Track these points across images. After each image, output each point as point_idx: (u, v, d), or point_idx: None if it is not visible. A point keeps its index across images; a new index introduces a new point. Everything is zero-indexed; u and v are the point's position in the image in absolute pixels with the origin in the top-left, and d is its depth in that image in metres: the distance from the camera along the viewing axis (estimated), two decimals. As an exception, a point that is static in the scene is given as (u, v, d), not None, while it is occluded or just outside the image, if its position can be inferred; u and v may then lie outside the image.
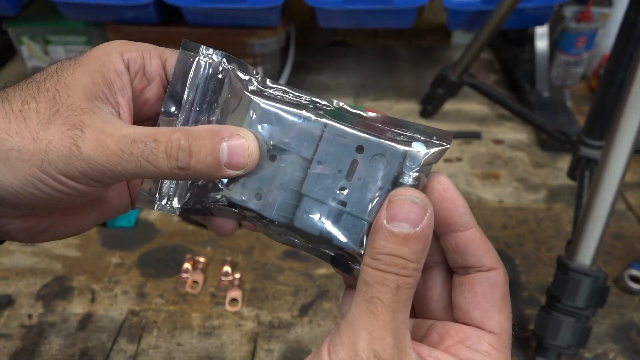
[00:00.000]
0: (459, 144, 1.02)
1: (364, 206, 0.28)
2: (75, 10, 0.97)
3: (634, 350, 0.66)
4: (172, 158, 0.26)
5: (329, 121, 0.28)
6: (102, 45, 0.30)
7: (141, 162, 0.26)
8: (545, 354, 0.62)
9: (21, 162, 0.26)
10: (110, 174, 0.26)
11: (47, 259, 0.77)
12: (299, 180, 0.29)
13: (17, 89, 0.27)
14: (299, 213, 0.29)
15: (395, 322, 0.25)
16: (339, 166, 0.28)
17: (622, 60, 0.71)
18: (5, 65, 1.24)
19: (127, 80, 0.29)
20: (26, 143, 0.26)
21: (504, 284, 0.28)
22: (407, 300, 0.26)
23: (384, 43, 1.38)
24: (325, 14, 0.98)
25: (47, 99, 0.27)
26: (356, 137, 0.28)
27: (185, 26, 1.01)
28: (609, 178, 0.57)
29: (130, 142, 0.26)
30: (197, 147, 0.27)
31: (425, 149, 0.27)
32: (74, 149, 0.26)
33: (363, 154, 0.28)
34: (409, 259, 0.25)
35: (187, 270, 0.74)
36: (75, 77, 0.27)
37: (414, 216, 0.25)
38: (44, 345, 0.65)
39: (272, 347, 0.66)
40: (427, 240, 0.25)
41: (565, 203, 0.89)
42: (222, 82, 0.30)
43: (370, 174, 0.27)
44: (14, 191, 0.27)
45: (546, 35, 1.11)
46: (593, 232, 0.59)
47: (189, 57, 0.30)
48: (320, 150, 0.28)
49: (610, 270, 0.76)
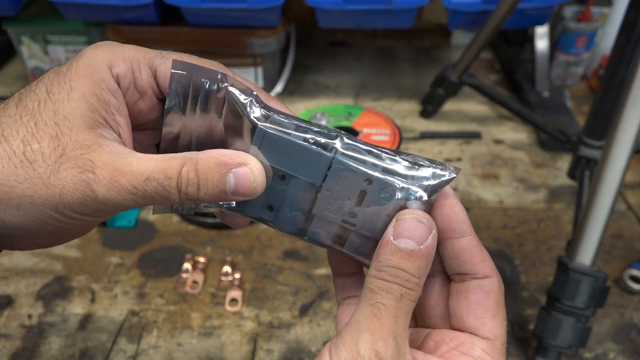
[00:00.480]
0: (459, 144, 1.02)
1: (373, 226, 0.29)
2: (75, 10, 0.97)
3: (634, 350, 0.66)
4: (182, 192, 0.27)
5: (336, 154, 0.29)
6: (88, 56, 0.28)
7: (155, 198, 0.27)
8: (545, 354, 0.62)
9: (35, 207, 0.26)
10: (123, 208, 0.27)
11: (47, 259, 0.77)
12: (309, 200, 0.30)
13: (12, 124, 0.26)
14: (310, 229, 0.30)
15: (397, 328, 0.26)
16: (348, 195, 0.29)
17: (622, 60, 0.71)
18: (5, 65, 1.24)
19: (120, 97, 0.28)
20: (38, 189, 0.25)
21: (498, 292, 0.29)
22: (409, 312, 0.27)
23: (384, 43, 1.38)
24: (325, 14, 0.98)
25: (50, 137, 0.26)
26: (363, 172, 0.29)
27: (185, 26, 1.01)
28: (609, 178, 0.57)
29: (143, 180, 0.26)
30: (204, 180, 0.27)
31: (424, 192, 0.28)
32: (89, 192, 0.26)
33: (372, 186, 0.29)
34: (412, 273, 0.27)
35: (187, 270, 0.74)
36: (72, 106, 0.26)
37: (420, 235, 0.27)
38: (44, 346, 0.65)
39: (272, 347, 0.66)
40: (429, 259, 0.27)
41: (565, 203, 0.89)
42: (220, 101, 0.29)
43: (378, 203, 0.29)
44: (28, 229, 0.27)
45: (546, 35, 1.11)
46: (593, 232, 0.59)
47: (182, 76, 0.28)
48: (329, 179, 0.29)
49: (610, 270, 0.76)
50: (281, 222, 0.31)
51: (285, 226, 0.31)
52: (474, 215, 0.85)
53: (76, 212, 0.26)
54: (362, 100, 1.15)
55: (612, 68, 0.72)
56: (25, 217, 0.26)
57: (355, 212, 0.29)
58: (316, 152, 0.29)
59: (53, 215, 0.26)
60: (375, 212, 0.29)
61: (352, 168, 0.29)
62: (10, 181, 0.25)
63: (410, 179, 0.29)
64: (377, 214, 0.29)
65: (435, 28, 1.35)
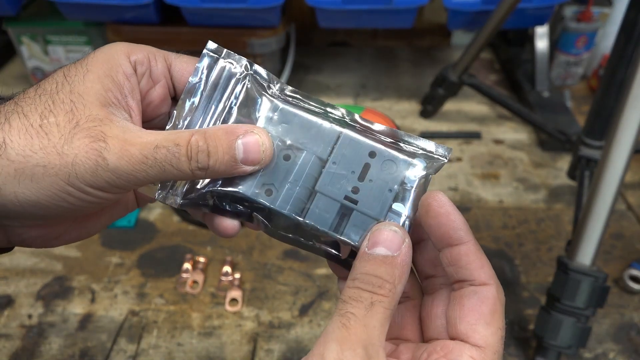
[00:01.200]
0: (459, 144, 1.02)
1: (373, 205, 0.30)
2: (75, 10, 0.97)
3: (634, 350, 0.66)
4: (192, 160, 0.27)
5: (344, 129, 0.31)
6: (107, 48, 0.30)
7: (165, 166, 0.27)
8: (545, 354, 0.62)
9: (48, 177, 0.26)
10: (135, 180, 0.27)
11: (47, 259, 0.77)
12: (312, 178, 0.31)
13: (31, 102, 0.27)
14: (311, 208, 0.31)
15: (368, 337, 0.25)
16: (353, 168, 0.30)
17: (622, 60, 0.71)
18: (5, 65, 1.24)
19: (135, 82, 0.30)
20: (52, 158, 0.26)
21: (494, 300, 0.28)
22: (383, 319, 0.26)
23: (384, 43, 1.38)
24: (325, 14, 0.98)
25: (65, 112, 0.27)
26: (369, 144, 0.31)
27: (185, 26, 1.01)
28: (609, 178, 0.57)
29: (153, 149, 0.27)
30: (214, 147, 0.28)
31: (425, 164, 0.31)
32: (100, 161, 0.26)
33: (375, 159, 0.30)
34: (385, 278, 0.27)
35: (187, 270, 0.74)
36: (87, 85, 0.28)
37: (392, 243, 0.28)
38: (44, 345, 0.65)
39: (272, 347, 0.66)
40: (404, 267, 0.27)
41: (565, 203, 0.89)
42: (242, 85, 0.31)
43: (381, 177, 0.30)
44: (41, 205, 0.27)
45: (546, 35, 1.11)
46: (593, 232, 0.59)
47: (212, 56, 0.31)
48: (336, 152, 0.31)
49: (610, 270, 0.76)
50: (280, 202, 0.31)
51: (284, 206, 0.31)
52: (474, 215, 0.85)
53: (88, 183, 0.27)
54: (362, 100, 1.15)
55: (612, 68, 0.72)
56: (39, 190, 0.26)
57: (358, 187, 0.30)
58: (326, 126, 0.31)
59: (66, 188, 0.27)
60: (378, 186, 0.30)
61: (358, 140, 0.30)
62: (26, 151, 0.26)
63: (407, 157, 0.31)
64: (379, 189, 0.30)
65: (435, 28, 1.35)
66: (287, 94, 0.32)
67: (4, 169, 0.26)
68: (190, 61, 0.32)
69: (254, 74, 0.32)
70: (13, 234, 0.31)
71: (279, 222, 0.31)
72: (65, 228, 0.33)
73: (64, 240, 0.33)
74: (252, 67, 0.32)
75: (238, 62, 0.32)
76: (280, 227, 0.31)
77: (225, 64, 0.31)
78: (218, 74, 0.31)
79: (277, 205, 0.31)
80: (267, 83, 0.32)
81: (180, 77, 0.32)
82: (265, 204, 0.31)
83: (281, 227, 0.31)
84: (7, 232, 0.31)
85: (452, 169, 0.96)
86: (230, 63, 0.31)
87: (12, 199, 0.26)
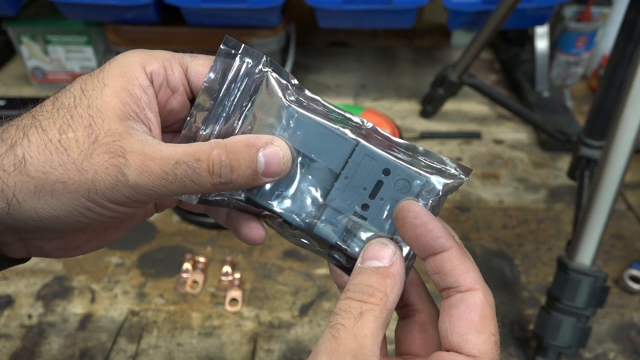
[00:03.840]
0: (459, 144, 1.02)
1: (382, 224, 0.30)
2: (75, 10, 0.97)
3: (634, 350, 0.66)
4: (215, 175, 0.27)
5: (361, 140, 0.30)
6: (122, 58, 0.29)
7: (185, 182, 0.27)
8: (545, 354, 0.62)
9: (68, 194, 0.26)
10: (155, 196, 0.27)
11: (47, 259, 0.77)
12: (323, 190, 0.30)
13: (49, 117, 0.27)
14: (320, 221, 0.31)
15: (358, 346, 0.25)
16: (365, 184, 0.30)
17: (622, 60, 0.71)
18: (5, 65, 1.24)
19: (152, 94, 0.29)
20: (71, 175, 0.26)
21: (482, 305, 0.27)
22: (374, 328, 0.26)
23: (384, 43, 1.38)
24: (325, 14, 0.98)
25: (83, 127, 0.27)
26: (385, 160, 0.30)
27: (185, 26, 1.01)
28: (609, 178, 0.57)
29: (173, 164, 0.26)
30: (237, 161, 0.27)
31: (445, 181, 0.29)
32: (120, 177, 0.26)
33: (389, 177, 0.30)
34: (375, 286, 0.26)
35: (187, 270, 0.74)
36: (105, 100, 0.27)
37: (383, 255, 0.28)
38: (44, 345, 0.65)
39: (272, 347, 0.66)
40: (397, 277, 0.27)
41: (565, 203, 0.89)
42: (258, 83, 0.30)
43: (392, 196, 0.30)
44: (61, 220, 0.27)
45: (546, 35, 1.11)
46: (593, 232, 0.59)
47: (229, 53, 0.30)
48: (349, 166, 0.30)
49: (610, 270, 0.76)
50: (290, 212, 0.31)
51: (294, 217, 0.31)
52: (474, 215, 0.85)
53: (108, 199, 0.27)
54: (362, 100, 1.15)
55: (612, 68, 0.72)
56: (59, 206, 0.26)
57: (368, 204, 0.30)
58: (341, 137, 0.30)
59: (86, 204, 0.27)
60: (388, 206, 0.30)
61: (373, 155, 0.30)
62: (45, 167, 0.26)
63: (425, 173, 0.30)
64: (389, 209, 0.30)
65: (435, 28, 1.35)
66: (306, 95, 0.31)
67: (24, 185, 0.26)
68: (207, 62, 0.31)
69: (272, 71, 0.31)
70: (33, 245, 0.31)
71: (289, 226, 0.31)
72: (86, 238, 0.33)
73: (84, 250, 0.33)
74: (271, 65, 0.31)
75: (256, 59, 0.30)
76: (289, 233, 0.32)
77: (243, 61, 0.30)
78: (235, 73, 0.30)
79: (288, 213, 0.31)
80: (285, 82, 0.31)
81: (198, 81, 0.31)
82: (277, 210, 0.31)
83: (290, 233, 0.32)
84: (26, 244, 0.31)
85: (452, 169, 0.96)
86: (248, 60, 0.30)
87: (32, 214, 0.26)
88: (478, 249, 0.79)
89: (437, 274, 0.28)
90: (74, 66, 1.10)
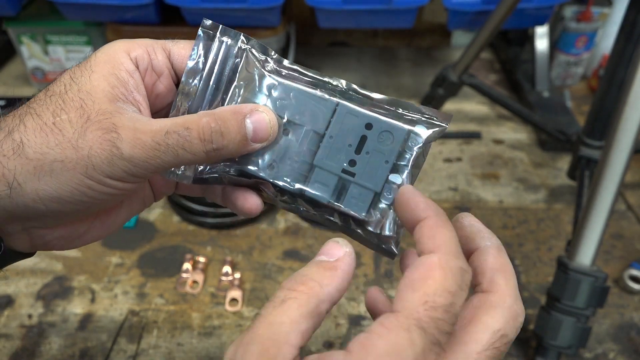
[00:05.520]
0: (459, 144, 1.02)
1: (371, 177, 0.31)
2: (75, 10, 0.97)
3: (634, 350, 0.66)
4: (206, 142, 0.28)
5: (341, 100, 0.31)
6: (106, 48, 0.30)
7: (178, 151, 0.28)
8: (545, 354, 0.62)
9: (66, 172, 0.27)
10: (150, 168, 0.28)
11: (47, 259, 0.77)
12: (310, 152, 0.31)
13: (42, 104, 0.28)
14: (310, 182, 0.31)
15: (271, 333, 0.24)
16: (349, 141, 0.31)
17: (622, 60, 0.71)
18: (5, 65, 1.24)
19: (138, 77, 0.30)
20: (68, 153, 0.27)
21: (430, 266, 0.25)
22: (295, 316, 0.24)
23: (384, 43, 1.38)
24: (325, 14, 0.98)
25: (75, 109, 0.28)
26: (366, 115, 0.31)
27: (185, 26, 1.01)
28: (609, 178, 0.57)
29: (164, 135, 0.27)
30: (226, 127, 0.28)
31: (427, 130, 0.31)
32: (114, 151, 0.27)
33: (372, 131, 0.31)
34: (310, 276, 0.26)
35: (187, 270, 0.74)
36: (94, 84, 0.29)
37: (333, 253, 0.28)
38: (44, 345, 0.65)
39: (272, 347, 0.66)
40: (339, 271, 0.27)
41: (565, 203, 0.89)
42: (239, 60, 0.32)
43: (377, 149, 0.31)
44: (63, 201, 0.28)
45: (546, 35, 1.11)
46: (593, 232, 0.59)
47: (208, 35, 0.31)
48: (332, 125, 0.31)
49: (610, 270, 0.76)
50: (281, 177, 0.32)
51: (285, 181, 0.31)
52: (474, 215, 0.85)
53: (105, 174, 0.27)
54: (362, 100, 1.15)
55: (612, 68, 0.72)
56: (58, 185, 0.27)
57: (355, 159, 0.31)
58: (322, 99, 0.31)
59: (85, 181, 0.27)
60: (374, 159, 0.31)
61: (354, 112, 0.31)
62: (42, 148, 0.27)
63: (407, 124, 0.31)
64: (376, 161, 0.31)
65: (435, 28, 1.35)
66: (285, 66, 0.32)
67: (24, 168, 0.27)
68: (188, 45, 0.32)
69: (251, 48, 0.32)
70: (36, 236, 0.31)
71: (282, 194, 0.32)
72: (88, 226, 0.33)
73: (86, 240, 0.34)
74: (249, 42, 0.32)
75: (234, 37, 0.32)
76: (284, 200, 0.32)
77: (222, 41, 0.31)
78: (215, 53, 0.31)
79: (279, 179, 0.32)
80: (264, 57, 0.32)
81: (181, 64, 0.32)
82: (268, 179, 0.32)
83: (285, 200, 0.32)
84: (30, 235, 0.31)
85: (452, 169, 0.96)
86: (227, 40, 0.31)
87: (33, 197, 0.27)
88: (478, 249, 0.79)
89: (416, 244, 0.27)
90: (74, 66, 1.10)
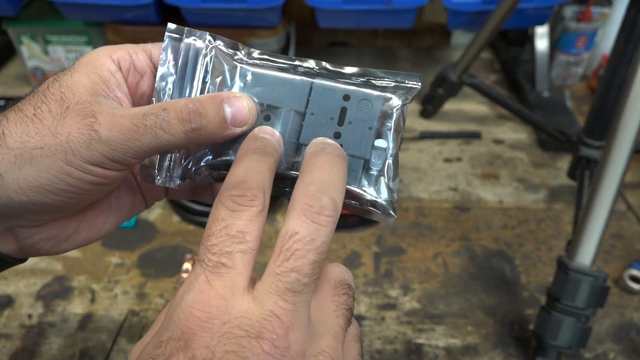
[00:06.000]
0: (459, 144, 1.02)
1: (357, 145, 0.32)
2: (75, 10, 0.97)
3: (634, 350, 0.66)
4: (185, 122, 0.28)
5: (314, 80, 0.32)
6: (90, 52, 0.32)
7: (156, 132, 0.28)
8: (545, 354, 0.62)
9: (46, 159, 0.27)
10: (130, 152, 0.28)
11: (47, 259, 0.77)
12: (295, 133, 0.32)
13: (25, 101, 0.29)
14: (298, 163, 0.32)
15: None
16: (331, 114, 0.32)
17: (622, 60, 0.71)
18: (5, 65, 1.24)
19: (120, 77, 0.31)
20: (47, 140, 0.27)
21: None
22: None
23: (384, 43, 1.38)
24: (325, 14, 0.98)
25: (56, 101, 0.28)
26: (342, 89, 0.32)
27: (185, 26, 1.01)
28: (609, 178, 0.57)
29: (142, 116, 0.28)
30: (204, 109, 0.29)
31: (401, 93, 0.32)
32: (92, 134, 0.27)
33: (350, 102, 0.32)
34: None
35: (187, 270, 0.74)
36: (75, 80, 0.29)
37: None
38: (44, 345, 0.65)
39: (272, 347, 0.66)
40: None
41: (565, 203, 0.89)
42: (209, 57, 0.32)
43: (359, 117, 0.32)
44: (44, 191, 0.28)
45: (546, 35, 1.11)
46: (593, 232, 0.59)
47: (175, 39, 0.32)
48: (311, 103, 0.32)
49: (610, 270, 0.76)
50: None
51: None
52: (474, 216, 0.85)
53: (85, 159, 0.28)
54: (362, 100, 1.15)
55: (612, 68, 0.72)
56: (38, 174, 0.28)
57: (339, 132, 0.32)
58: (296, 80, 0.32)
59: (64, 168, 0.28)
60: (358, 127, 0.31)
61: (330, 87, 0.32)
62: (23, 137, 0.28)
63: (380, 92, 0.32)
64: (360, 129, 0.31)
65: (435, 28, 1.35)
66: (255, 57, 0.33)
67: (5, 158, 0.27)
68: None
69: (219, 45, 0.33)
70: (22, 237, 0.31)
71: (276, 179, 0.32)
72: (75, 227, 0.33)
73: (75, 243, 0.34)
74: (216, 40, 0.33)
75: (201, 37, 0.32)
76: (279, 184, 0.33)
77: (190, 42, 0.32)
78: (185, 54, 0.32)
79: None
80: (233, 51, 0.33)
81: None
82: None
83: (279, 184, 0.33)
84: (17, 236, 0.31)
85: (452, 169, 0.96)
86: (194, 40, 0.32)
87: (15, 187, 0.27)
88: (478, 249, 0.79)
89: None
90: (74, 66, 1.10)
